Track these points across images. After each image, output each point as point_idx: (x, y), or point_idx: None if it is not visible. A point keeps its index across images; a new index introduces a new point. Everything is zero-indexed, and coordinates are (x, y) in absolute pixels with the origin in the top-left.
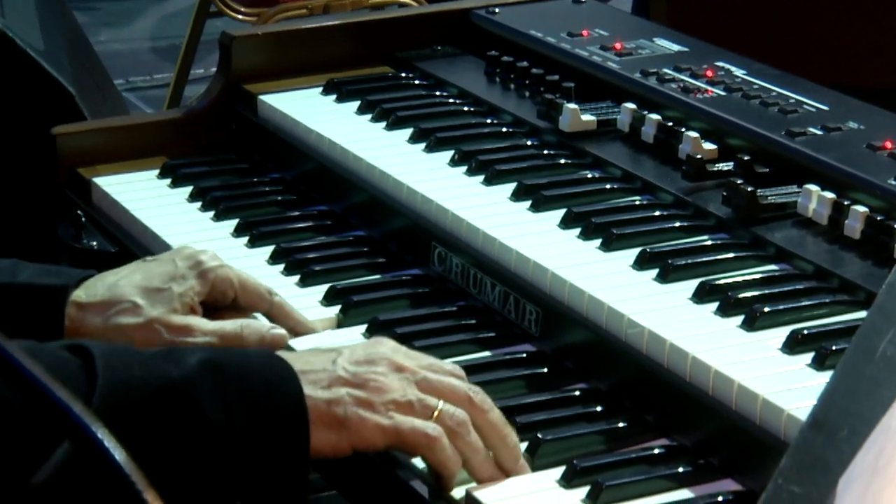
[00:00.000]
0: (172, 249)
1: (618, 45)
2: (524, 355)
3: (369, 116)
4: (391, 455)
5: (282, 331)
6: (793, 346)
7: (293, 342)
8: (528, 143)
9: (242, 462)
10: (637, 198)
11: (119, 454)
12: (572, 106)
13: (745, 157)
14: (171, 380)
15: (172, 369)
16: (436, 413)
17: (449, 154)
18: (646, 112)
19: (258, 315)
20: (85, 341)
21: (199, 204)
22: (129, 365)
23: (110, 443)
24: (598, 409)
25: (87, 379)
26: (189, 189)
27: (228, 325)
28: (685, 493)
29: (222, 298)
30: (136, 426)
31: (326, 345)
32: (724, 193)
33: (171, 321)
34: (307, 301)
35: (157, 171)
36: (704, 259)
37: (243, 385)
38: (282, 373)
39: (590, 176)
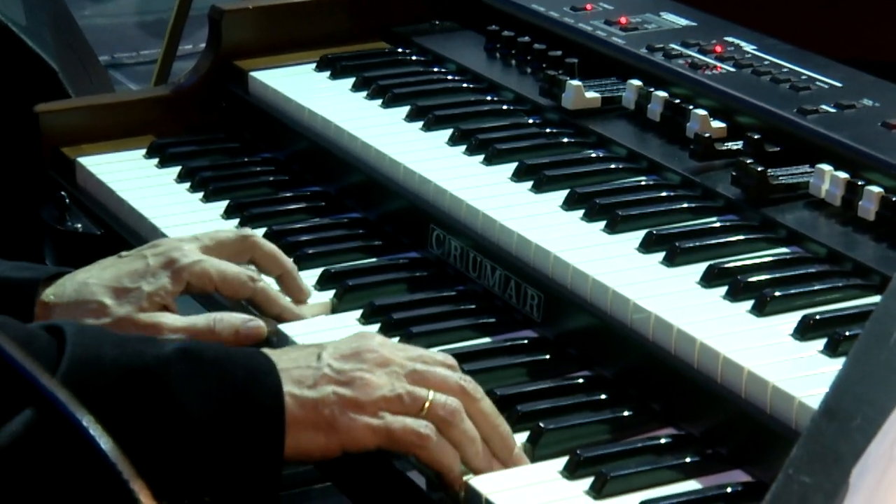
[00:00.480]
0: (149, 243)
1: (623, 20)
2: (525, 342)
3: (365, 93)
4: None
5: (259, 323)
6: (804, 331)
7: (285, 328)
8: (530, 121)
9: (213, 453)
10: (643, 178)
11: (86, 420)
12: (576, 83)
13: (756, 136)
14: (145, 362)
15: (147, 351)
16: (426, 404)
17: (447, 133)
18: (652, 89)
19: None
20: (61, 321)
21: (187, 185)
22: (101, 344)
23: (84, 417)
24: (603, 397)
25: (57, 354)
26: (177, 169)
27: (200, 319)
28: (693, 485)
29: (203, 292)
30: (101, 404)
31: (310, 341)
32: (734, 173)
33: (139, 319)
34: None
35: (143, 151)
36: (713, 241)
37: (221, 374)
38: (263, 367)
39: (594, 155)
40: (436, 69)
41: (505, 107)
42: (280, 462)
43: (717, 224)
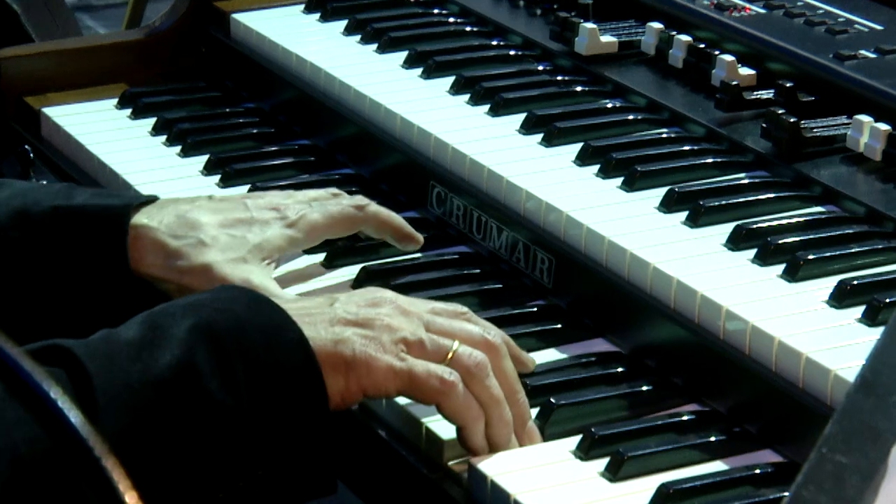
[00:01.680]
0: (243, 193)
1: None
2: (535, 310)
3: (358, 38)
4: (388, 425)
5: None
6: (841, 298)
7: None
8: (540, 67)
9: (259, 434)
10: (664, 130)
11: (74, 415)
12: (590, 25)
13: (788, 84)
14: (170, 368)
15: (164, 353)
16: (450, 354)
17: (449, 81)
18: (674, 33)
19: None
20: (61, 343)
21: (163, 138)
22: (119, 362)
23: (52, 389)
24: (619, 370)
25: (81, 389)
26: (152, 121)
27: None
28: (718, 465)
29: (310, 245)
30: (143, 427)
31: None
32: (764, 125)
33: (229, 273)
34: None
35: (115, 101)
36: (740, 200)
37: (242, 350)
38: (278, 321)
39: (610, 106)
40: (436, 11)
41: (512, 52)
42: (327, 410)
43: (746, 181)
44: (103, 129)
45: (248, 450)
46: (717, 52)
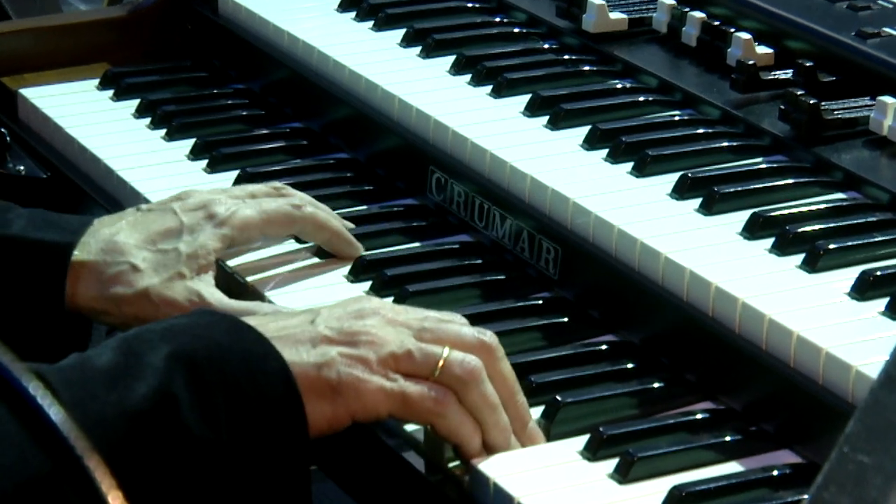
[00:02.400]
0: (171, 196)
1: None
2: (541, 302)
3: (353, 14)
4: (386, 426)
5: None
6: (863, 289)
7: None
8: (546, 46)
9: (236, 465)
10: (676, 112)
11: (55, 413)
12: (598, 2)
13: (808, 64)
14: (147, 399)
15: (139, 383)
16: (441, 363)
17: (449, 60)
18: (687, 9)
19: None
20: (35, 367)
21: (147, 120)
22: (94, 393)
23: (31, 384)
24: (629, 366)
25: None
26: (135, 102)
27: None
28: (734, 467)
29: (247, 244)
30: (118, 460)
31: (292, 298)
32: (782, 107)
33: (174, 300)
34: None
35: (96, 82)
36: (757, 186)
37: (223, 380)
38: (258, 348)
39: (619, 86)
40: None
41: (516, 30)
42: (306, 441)
43: (763, 166)
44: (84, 112)
45: (223, 481)
46: (732, 30)
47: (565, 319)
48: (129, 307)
